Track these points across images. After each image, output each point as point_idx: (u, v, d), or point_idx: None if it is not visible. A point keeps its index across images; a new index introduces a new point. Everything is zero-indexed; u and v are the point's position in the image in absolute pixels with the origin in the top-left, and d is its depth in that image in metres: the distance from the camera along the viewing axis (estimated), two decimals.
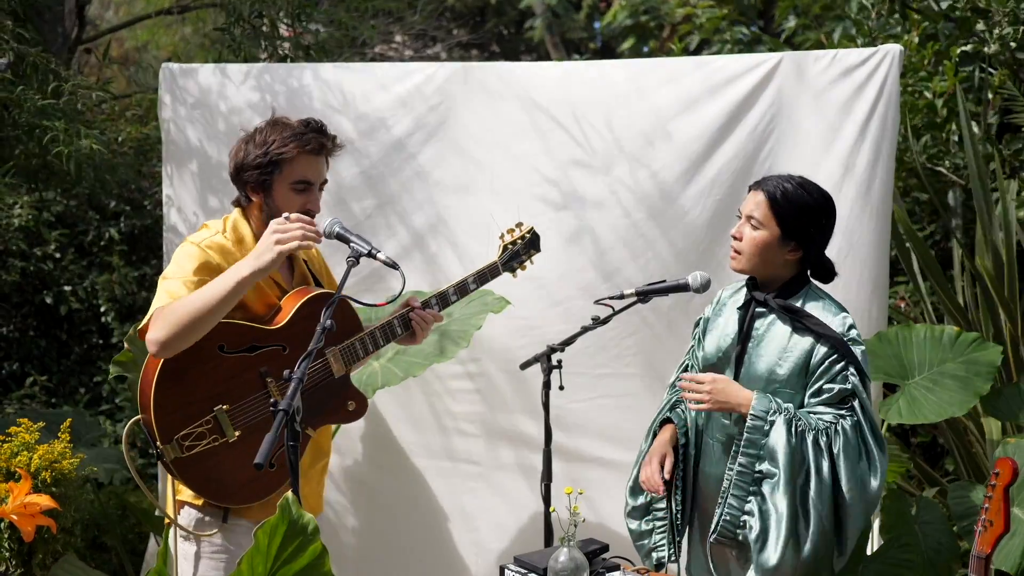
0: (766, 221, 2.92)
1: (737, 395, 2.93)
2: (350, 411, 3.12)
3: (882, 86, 3.99)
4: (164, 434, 2.75)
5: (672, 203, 4.12)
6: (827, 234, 2.98)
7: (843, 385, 2.84)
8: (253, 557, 2.12)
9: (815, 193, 2.95)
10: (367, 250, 2.83)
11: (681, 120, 4.12)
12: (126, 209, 5.96)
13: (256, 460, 2.31)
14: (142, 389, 2.81)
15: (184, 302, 2.73)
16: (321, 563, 2.17)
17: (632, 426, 4.10)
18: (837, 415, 2.84)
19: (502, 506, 4.26)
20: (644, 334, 4.15)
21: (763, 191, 2.95)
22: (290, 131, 2.95)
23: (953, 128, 5.54)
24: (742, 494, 2.90)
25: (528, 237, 3.53)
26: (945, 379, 3.85)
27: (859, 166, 4.01)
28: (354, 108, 4.26)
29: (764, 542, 2.86)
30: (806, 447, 2.82)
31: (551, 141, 4.20)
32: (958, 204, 5.44)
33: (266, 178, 2.93)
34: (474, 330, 3.94)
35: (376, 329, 3.09)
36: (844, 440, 2.82)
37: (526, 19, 12.83)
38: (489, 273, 3.38)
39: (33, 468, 3.13)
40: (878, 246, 4.06)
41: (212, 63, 4.43)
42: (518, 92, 4.23)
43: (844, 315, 2.91)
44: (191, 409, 2.78)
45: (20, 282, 5.59)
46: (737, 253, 2.99)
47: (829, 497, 2.84)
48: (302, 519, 2.15)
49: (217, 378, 2.82)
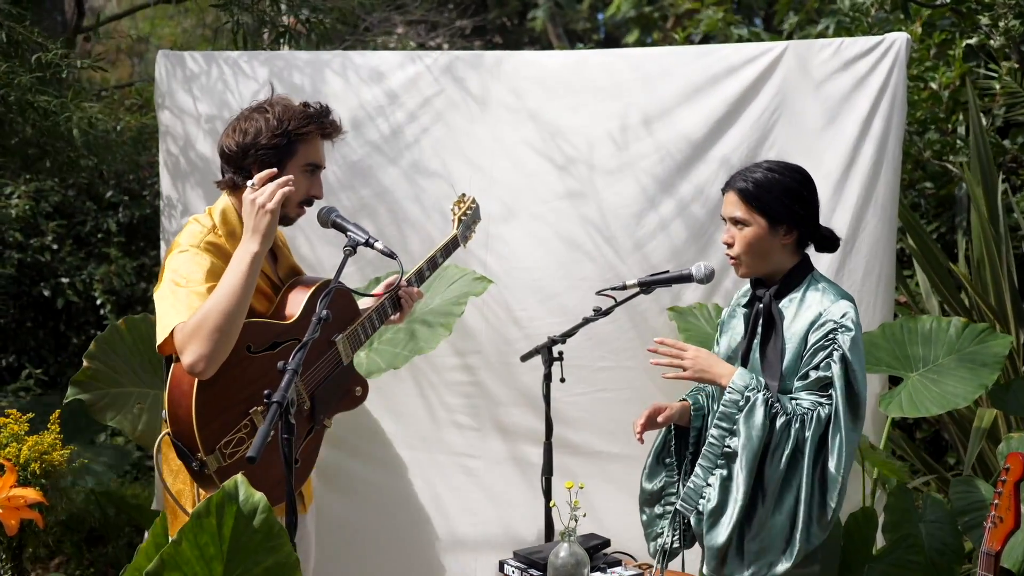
0: (749, 217, 2.86)
1: (719, 367, 2.88)
2: (357, 396, 3.10)
3: (888, 74, 3.95)
4: (207, 445, 2.63)
5: (674, 194, 4.07)
6: (812, 206, 2.90)
7: (824, 372, 2.76)
8: (198, 535, 2.05)
9: (785, 171, 2.88)
10: (364, 239, 2.80)
11: (683, 110, 4.08)
12: (124, 199, 5.91)
13: (249, 454, 2.25)
14: (178, 402, 2.67)
15: (211, 309, 2.62)
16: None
17: (632, 419, 4.06)
18: (815, 402, 2.77)
19: (500, 499, 4.22)
20: (646, 326, 4.10)
21: (734, 190, 2.90)
22: (304, 113, 2.90)
23: (959, 120, 5.50)
24: (709, 465, 2.85)
25: (474, 208, 3.54)
26: (950, 370, 3.79)
27: (865, 156, 3.97)
28: (351, 97, 4.22)
29: (717, 518, 2.81)
30: (776, 430, 2.76)
31: (549, 132, 4.15)
32: (963, 198, 5.40)
33: (281, 158, 2.86)
34: (456, 317, 3.89)
35: (372, 312, 3.07)
36: (815, 428, 2.74)
37: (528, 10, 12.78)
38: (452, 245, 3.38)
39: (22, 460, 3.08)
40: (884, 237, 4.01)
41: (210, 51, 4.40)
42: (515, 82, 4.18)
43: (843, 301, 2.82)
44: (228, 415, 2.69)
45: (16, 274, 5.54)
46: (735, 259, 2.93)
47: (794, 485, 2.76)
48: (252, 497, 2.10)
49: (248, 380, 2.73)
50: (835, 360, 2.75)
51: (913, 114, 5.40)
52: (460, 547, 4.26)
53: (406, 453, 4.29)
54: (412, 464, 4.29)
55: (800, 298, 2.87)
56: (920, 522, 3.62)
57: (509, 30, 12.92)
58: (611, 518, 3.91)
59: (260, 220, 2.71)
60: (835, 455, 2.73)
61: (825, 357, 2.76)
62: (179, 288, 2.72)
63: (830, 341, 2.76)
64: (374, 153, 4.22)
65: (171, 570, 2.01)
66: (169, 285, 2.74)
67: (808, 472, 2.74)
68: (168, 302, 2.71)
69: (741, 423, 2.78)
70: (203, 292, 2.70)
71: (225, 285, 2.65)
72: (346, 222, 2.86)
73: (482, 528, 4.24)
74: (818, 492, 2.75)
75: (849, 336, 2.76)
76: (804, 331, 2.81)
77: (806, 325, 2.81)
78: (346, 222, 2.86)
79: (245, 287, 2.65)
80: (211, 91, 4.26)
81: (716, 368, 2.88)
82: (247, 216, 2.74)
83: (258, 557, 2.05)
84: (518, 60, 4.24)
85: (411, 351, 3.85)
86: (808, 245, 2.96)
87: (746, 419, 2.77)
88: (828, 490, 2.74)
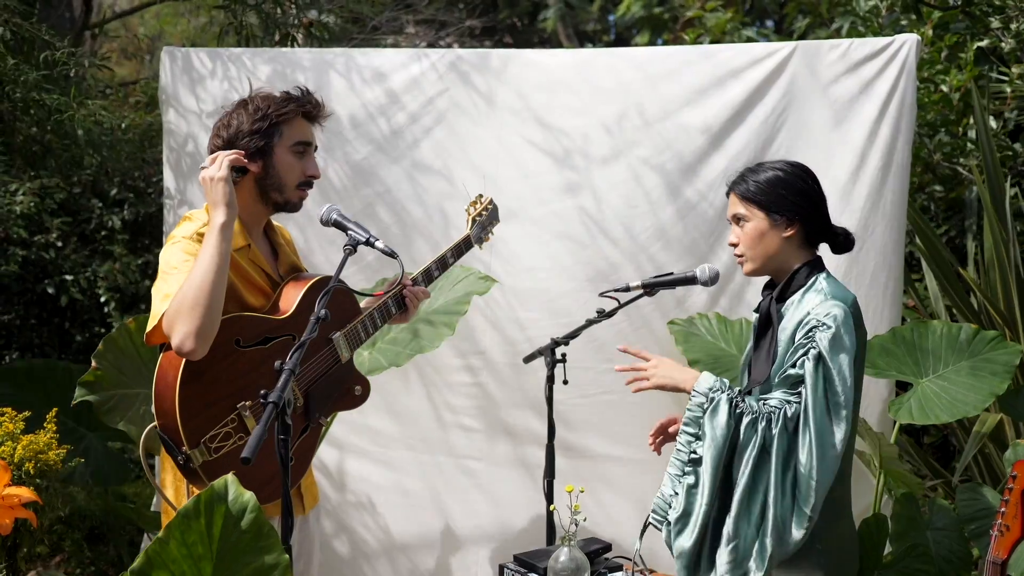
0: (749, 213, 2.85)
1: (680, 373, 2.84)
2: (357, 396, 3.08)
3: (898, 76, 3.91)
4: (191, 439, 2.61)
5: (679, 195, 4.04)
6: (811, 199, 2.85)
7: (797, 370, 2.70)
8: (185, 534, 2.01)
9: (783, 166, 2.87)
10: (365, 238, 2.78)
11: (689, 111, 4.04)
12: (129, 196, 5.89)
13: (243, 454, 2.23)
14: (162, 394, 2.66)
15: (189, 285, 2.62)
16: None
17: (637, 423, 4.04)
18: (783, 400, 2.70)
19: (502, 502, 4.20)
20: (650, 328, 4.06)
21: (733, 192, 2.90)
22: (284, 97, 2.91)
23: (970, 123, 5.45)
24: (677, 473, 2.79)
25: (491, 208, 3.53)
26: (960, 377, 3.76)
27: (874, 158, 3.93)
28: (355, 95, 4.20)
29: (684, 524, 2.75)
30: (741, 429, 2.70)
31: (554, 131, 4.12)
32: (973, 201, 5.35)
33: (266, 142, 2.85)
34: (460, 316, 3.86)
35: (374, 310, 3.06)
36: (781, 426, 2.66)
37: (539, 10, 12.76)
38: (464, 245, 3.37)
39: (17, 459, 3.05)
40: (893, 240, 3.98)
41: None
42: (519, 82, 4.15)
43: (832, 301, 2.74)
44: (214, 409, 2.67)
45: (21, 271, 5.53)
46: (741, 257, 2.90)
47: (761, 488, 2.69)
48: (242, 497, 2.07)
49: (236, 374, 2.71)
50: (809, 358, 2.67)
51: (923, 116, 5.36)
52: (461, 549, 4.24)
53: (408, 454, 4.26)
54: (414, 465, 4.26)
55: (799, 300, 2.81)
56: (928, 530, 3.59)
57: (519, 30, 12.91)
58: (613, 522, 3.89)
59: (215, 190, 2.73)
60: (805, 455, 2.64)
61: (801, 355, 2.71)
62: (171, 275, 2.73)
63: (808, 339, 2.71)
64: (377, 152, 4.20)
65: (158, 568, 1.98)
66: (162, 275, 2.75)
67: (777, 473, 2.66)
68: (161, 291, 2.71)
69: (706, 424, 2.72)
70: None
71: (200, 261, 2.66)
72: (347, 221, 2.84)
73: (483, 531, 4.21)
74: (790, 495, 2.67)
75: (828, 333, 2.67)
76: (792, 331, 2.76)
77: (794, 326, 2.76)
78: (347, 221, 2.84)
79: (219, 258, 2.65)
80: (215, 88, 4.25)
81: (678, 375, 2.84)
82: (207, 194, 2.75)
83: (248, 558, 2.03)
84: (522, 59, 4.21)
85: (414, 350, 3.82)
86: (817, 244, 2.91)
87: (710, 419, 2.72)
88: (800, 493, 2.65)
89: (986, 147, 4.52)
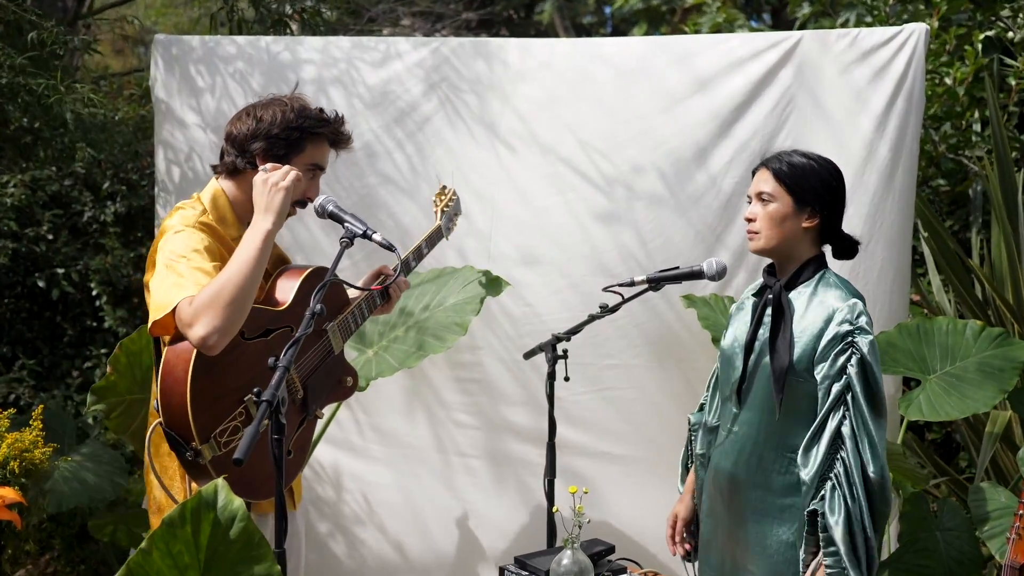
0: (777, 193, 2.83)
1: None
2: (348, 387, 3.06)
3: (907, 66, 3.86)
4: (202, 434, 2.55)
5: (685, 187, 3.97)
6: (838, 198, 2.87)
7: (841, 384, 2.68)
8: (170, 543, 1.93)
9: (819, 159, 2.88)
10: (362, 231, 2.72)
11: (695, 101, 3.98)
12: (122, 189, 5.82)
13: (236, 456, 2.15)
14: (170, 390, 2.58)
15: (227, 281, 2.57)
16: None
17: (639, 420, 4.00)
18: (830, 456, 2.68)
19: (502, 502, 4.14)
20: (654, 324, 3.99)
21: (768, 168, 2.88)
22: (320, 115, 2.92)
23: (975, 116, 5.40)
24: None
25: (455, 200, 3.56)
26: (968, 375, 3.73)
27: (882, 149, 3.88)
28: (350, 83, 4.13)
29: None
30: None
31: (558, 122, 4.05)
32: (979, 195, 5.30)
33: (288, 151, 2.85)
34: (471, 316, 3.81)
35: (362, 302, 3.06)
36: (847, 485, 2.67)
37: (536, 2, 12.70)
38: (436, 236, 3.39)
39: (1, 458, 2.97)
40: (901, 232, 3.94)
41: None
42: (524, 71, 4.08)
43: (855, 301, 2.76)
44: (223, 403, 2.62)
45: (11, 264, 5.46)
46: (754, 233, 2.86)
47: None
48: (231, 504, 1.99)
49: (243, 367, 2.67)
50: (852, 363, 2.68)
51: (927, 109, 5.30)
52: (461, 550, 4.18)
53: (406, 452, 4.20)
54: (412, 463, 4.21)
55: (812, 292, 2.80)
56: (937, 530, 3.54)
57: (516, 23, 12.84)
58: (616, 522, 3.83)
59: (273, 197, 2.70)
60: (867, 459, 2.64)
61: (844, 362, 2.69)
62: (180, 263, 2.65)
63: (848, 345, 2.68)
64: (374, 142, 4.13)
65: None
66: (169, 264, 2.67)
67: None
68: (171, 280, 2.63)
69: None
70: (209, 269, 2.65)
71: (239, 260, 2.61)
72: (344, 213, 2.78)
73: (482, 530, 4.15)
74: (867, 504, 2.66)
75: (868, 339, 2.69)
76: (819, 327, 2.74)
77: (820, 322, 2.74)
78: (344, 213, 2.78)
79: (258, 263, 2.62)
80: (207, 77, 4.18)
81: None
82: (259, 196, 2.71)
83: (238, 568, 1.94)
84: (522, 48, 4.13)
85: (424, 351, 3.76)
86: (827, 242, 2.90)
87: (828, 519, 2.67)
88: (873, 497, 2.65)
89: (997, 135, 4.46)
